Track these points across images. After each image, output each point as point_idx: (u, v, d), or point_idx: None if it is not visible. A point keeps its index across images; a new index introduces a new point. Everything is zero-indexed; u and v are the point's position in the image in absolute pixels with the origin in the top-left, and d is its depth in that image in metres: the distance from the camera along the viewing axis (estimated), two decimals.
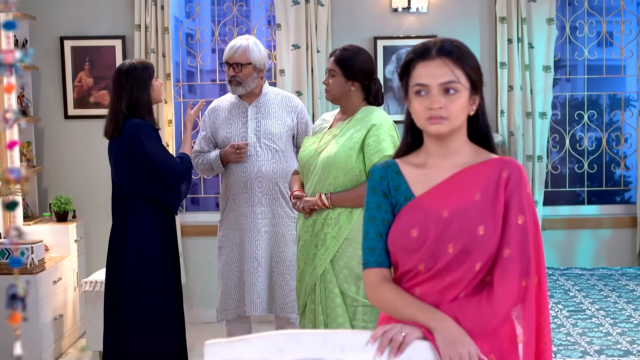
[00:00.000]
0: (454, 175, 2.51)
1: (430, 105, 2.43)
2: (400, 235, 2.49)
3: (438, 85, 2.44)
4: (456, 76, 2.44)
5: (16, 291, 1.58)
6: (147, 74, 4.95)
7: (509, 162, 2.51)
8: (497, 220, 2.43)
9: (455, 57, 2.46)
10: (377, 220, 2.55)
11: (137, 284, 4.95)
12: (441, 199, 2.49)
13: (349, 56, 4.36)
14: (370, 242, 2.56)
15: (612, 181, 7.42)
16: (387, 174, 2.58)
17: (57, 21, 6.91)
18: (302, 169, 4.50)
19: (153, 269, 4.97)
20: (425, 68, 2.46)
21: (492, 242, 2.42)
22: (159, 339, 5.00)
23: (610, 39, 7.17)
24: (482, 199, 2.45)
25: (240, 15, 7.16)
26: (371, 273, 2.55)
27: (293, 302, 5.10)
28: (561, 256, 7.02)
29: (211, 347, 2.31)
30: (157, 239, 4.99)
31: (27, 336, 5.66)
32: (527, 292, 2.43)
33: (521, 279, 2.42)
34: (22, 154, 6.56)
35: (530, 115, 6.75)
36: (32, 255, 5.72)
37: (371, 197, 2.59)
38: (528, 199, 2.47)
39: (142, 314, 4.96)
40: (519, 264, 2.42)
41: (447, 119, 2.44)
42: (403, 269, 2.51)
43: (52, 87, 6.97)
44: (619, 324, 4.76)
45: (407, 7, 6.81)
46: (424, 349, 2.35)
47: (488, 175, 2.48)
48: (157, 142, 4.91)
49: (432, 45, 2.48)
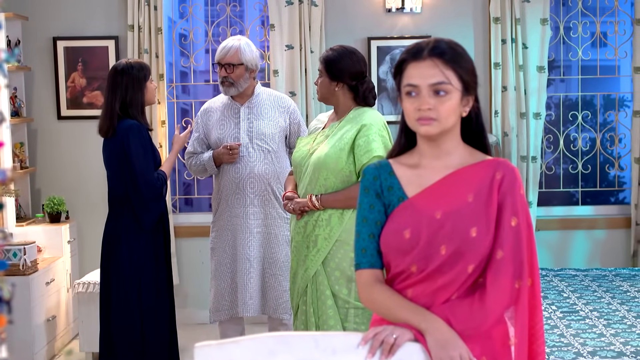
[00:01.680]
0: (447, 176, 2.50)
1: (419, 106, 2.42)
2: (393, 236, 2.48)
3: (428, 86, 2.42)
4: (447, 77, 2.43)
5: (1, 294, 1.56)
6: (142, 74, 4.94)
7: (503, 164, 2.49)
8: (490, 222, 2.42)
9: (447, 58, 2.44)
10: (370, 220, 2.54)
11: (129, 285, 4.94)
12: (434, 200, 2.47)
13: (333, 57, 4.36)
14: (363, 243, 2.54)
15: (606, 182, 7.42)
16: (380, 174, 2.57)
17: (50, 21, 6.89)
18: (295, 169, 4.49)
19: (145, 271, 4.95)
20: (416, 68, 2.45)
21: (485, 244, 2.41)
22: (147, 342, 4.98)
23: (604, 40, 7.16)
24: (475, 200, 2.44)
25: (233, 15, 7.15)
26: (363, 274, 2.54)
27: (286, 303, 5.10)
28: (555, 257, 7.02)
29: (201, 350, 2.30)
30: (150, 240, 4.97)
31: (20, 338, 5.65)
32: (520, 294, 2.42)
33: (514, 281, 2.41)
34: (15, 154, 6.53)
35: (525, 115, 6.74)
36: (24, 256, 5.71)
37: (364, 197, 2.57)
38: (522, 200, 2.46)
39: (132, 315, 4.95)
40: (511, 266, 2.41)
41: (436, 120, 2.43)
42: (395, 270, 2.50)
43: (45, 88, 6.95)
44: (613, 325, 4.75)
45: (400, 7, 6.79)
46: (415, 351, 2.34)
47: (481, 176, 2.47)
48: (143, 149, 4.90)
49: (425, 45, 2.47)
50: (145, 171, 4.90)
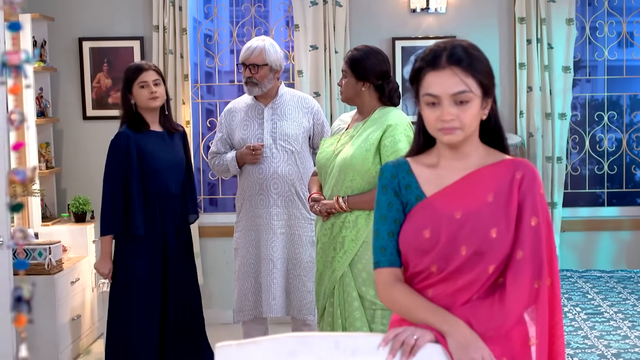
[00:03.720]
0: (467, 176, 2.49)
1: (442, 117, 2.40)
2: (412, 236, 2.47)
3: (449, 96, 2.39)
4: (467, 85, 2.39)
5: (21, 293, 1.57)
6: (125, 78, 4.98)
7: (522, 163, 2.48)
8: (510, 222, 2.41)
9: (465, 65, 2.40)
10: (389, 219, 2.53)
11: (116, 289, 4.99)
12: (453, 200, 2.46)
13: (359, 57, 4.34)
14: (382, 242, 2.54)
15: (632, 182, 7.36)
16: (398, 172, 2.56)
17: (76, 22, 6.93)
18: (319, 171, 4.48)
19: (127, 276, 4.96)
20: (435, 78, 2.41)
21: (505, 245, 2.40)
22: (129, 355, 4.97)
23: (630, 40, 7.12)
24: (495, 200, 2.43)
25: (258, 16, 7.16)
26: (383, 273, 2.53)
27: (310, 304, 5.10)
28: (580, 258, 6.98)
29: (222, 350, 2.30)
30: (142, 247, 4.96)
31: (45, 337, 5.68)
32: (540, 294, 2.40)
33: (533, 280, 2.39)
34: (41, 154, 6.58)
35: (550, 116, 6.70)
36: (49, 255, 5.74)
37: (382, 195, 2.56)
38: (542, 200, 2.44)
39: (117, 320, 4.98)
40: (531, 266, 2.39)
41: (459, 129, 2.41)
42: (414, 270, 2.49)
43: (71, 88, 6.99)
44: (638, 327, 4.72)
45: (425, 7, 6.78)
46: (436, 352, 2.33)
47: (501, 176, 2.46)
48: (110, 160, 4.95)
49: (441, 52, 2.43)
50: (105, 183, 4.97)
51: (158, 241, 4.98)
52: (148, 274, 4.94)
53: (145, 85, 4.92)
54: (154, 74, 4.95)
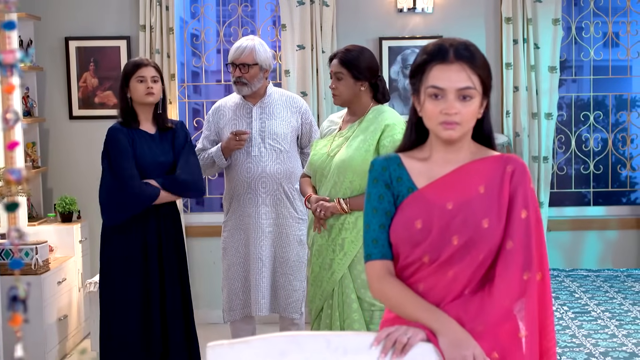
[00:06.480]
0: (458, 168, 2.51)
1: (446, 110, 2.42)
2: (404, 227, 2.48)
3: (455, 91, 2.43)
4: (473, 82, 2.44)
5: (17, 293, 1.57)
6: (124, 71, 4.95)
7: (513, 158, 2.53)
8: (502, 214, 2.45)
9: (472, 62, 2.45)
10: (380, 211, 2.54)
11: (102, 282, 4.97)
12: (445, 191, 2.49)
13: (355, 56, 4.31)
14: (373, 234, 2.54)
15: (618, 182, 7.40)
16: (389, 165, 2.57)
17: (62, 21, 6.91)
18: (314, 173, 4.43)
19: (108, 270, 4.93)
20: (443, 71, 2.44)
21: (496, 235, 2.43)
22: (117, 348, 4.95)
23: (616, 40, 7.15)
24: (486, 192, 2.46)
25: (245, 15, 7.16)
26: (375, 265, 2.53)
27: (296, 303, 5.11)
28: (567, 257, 7.01)
29: (213, 349, 2.31)
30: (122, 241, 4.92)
31: (32, 337, 5.66)
32: (529, 285, 2.43)
33: (522, 272, 2.42)
34: (27, 154, 6.55)
35: (536, 116, 6.72)
36: (36, 255, 5.72)
37: (373, 188, 2.57)
38: (532, 194, 2.49)
39: (104, 313, 4.96)
40: (521, 257, 2.42)
41: (460, 124, 2.44)
42: (405, 262, 2.50)
43: (57, 88, 6.97)
44: (625, 325, 4.74)
45: (412, 7, 6.79)
46: (427, 351, 2.34)
47: (492, 169, 2.50)
48: (105, 153, 4.87)
49: (448, 47, 2.46)
50: (114, 163, 4.83)
51: (136, 239, 4.87)
52: (124, 270, 4.87)
53: (143, 80, 4.88)
54: (153, 70, 4.91)
